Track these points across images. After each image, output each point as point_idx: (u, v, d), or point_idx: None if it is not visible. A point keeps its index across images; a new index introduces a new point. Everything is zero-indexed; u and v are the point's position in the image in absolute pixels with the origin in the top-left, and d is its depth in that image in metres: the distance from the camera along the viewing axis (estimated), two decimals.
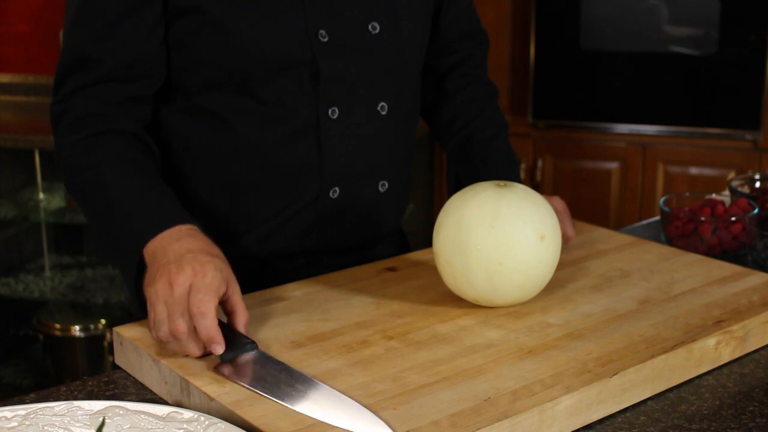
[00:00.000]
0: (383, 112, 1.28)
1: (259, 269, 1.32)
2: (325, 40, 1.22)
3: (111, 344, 2.91)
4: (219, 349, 0.98)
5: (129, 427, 0.88)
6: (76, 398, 1.00)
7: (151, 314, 1.01)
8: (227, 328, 1.01)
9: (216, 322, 0.99)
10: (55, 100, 1.22)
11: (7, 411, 0.89)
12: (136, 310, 1.21)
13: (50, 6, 3.39)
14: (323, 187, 1.27)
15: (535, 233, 1.09)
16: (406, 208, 1.45)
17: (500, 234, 1.08)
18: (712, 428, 0.95)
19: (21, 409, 0.89)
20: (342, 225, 1.31)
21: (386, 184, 1.32)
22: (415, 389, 0.93)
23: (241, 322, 1.02)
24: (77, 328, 3.06)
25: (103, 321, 3.09)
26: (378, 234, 1.37)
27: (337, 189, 1.28)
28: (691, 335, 1.06)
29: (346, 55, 1.24)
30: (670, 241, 1.48)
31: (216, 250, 1.07)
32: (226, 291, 1.03)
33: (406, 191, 1.40)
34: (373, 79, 1.26)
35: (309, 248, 1.31)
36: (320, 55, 1.21)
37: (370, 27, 1.25)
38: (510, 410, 0.89)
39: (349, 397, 0.92)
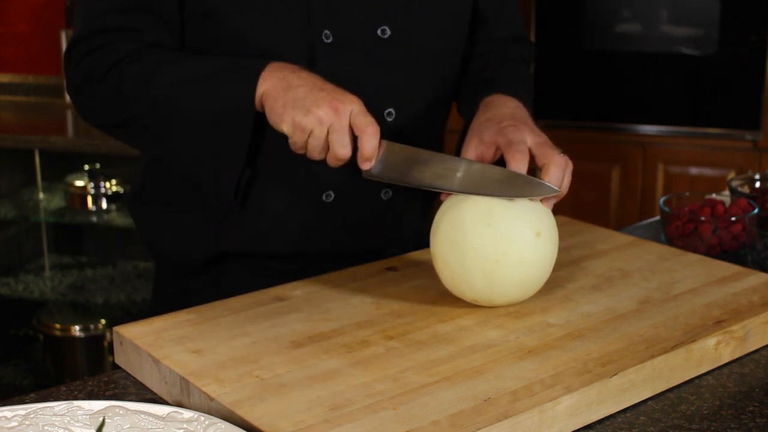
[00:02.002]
0: (389, 119, 1.25)
1: (260, 271, 1.32)
2: (329, 41, 1.20)
3: (111, 344, 2.91)
4: (369, 165, 1.09)
5: (129, 427, 0.88)
6: (76, 398, 1.00)
7: (299, 138, 1.08)
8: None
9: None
10: (74, 61, 1.20)
11: (7, 411, 0.89)
12: (136, 310, 1.21)
13: (50, 6, 3.39)
14: (314, 190, 1.26)
15: (531, 230, 1.09)
16: (429, 211, 1.42)
17: (496, 232, 1.08)
18: (712, 428, 0.95)
19: (21, 409, 0.89)
20: (342, 231, 1.30)
21: (390, 192, 1.31)
22: (415, 389, 0.93)
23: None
24: (77, 328, 3.06)
25: (103, 321, 3.09)
26: (390, 241, 1.36)
27: (332, 193, 1.27)
28: (691, 335, 1.06)
29: (351, 59, 1.21)
30: (670, 241, 1.48)
31: None
32: None
33: (427, 193, 1.37)
34: (379, 85, 1.23)
35: (309, 252, 1.31)
36: (321, 55, 1.20)
37: (379, 31, 1.23)
38: (510, 410, 0.89)
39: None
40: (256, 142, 1.17)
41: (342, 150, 1.08)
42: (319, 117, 1.07)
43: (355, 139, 1.09)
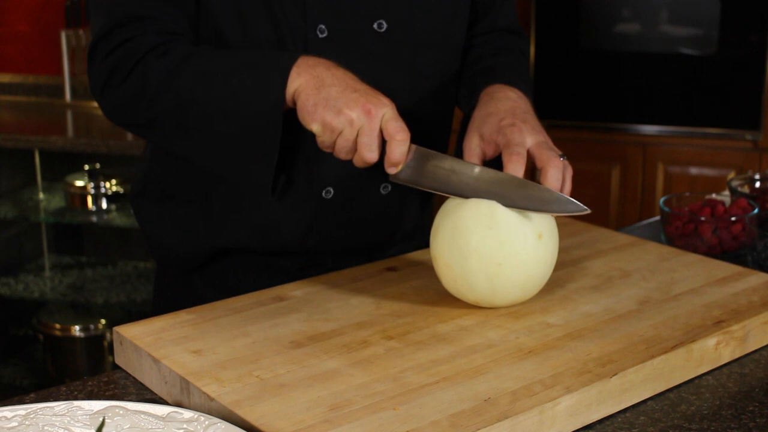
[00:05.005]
0: None
1: (261, 268, 1.32)
2: (324, 35, 1.20)
3: (111, 344, 2.91)
4: (395, 170, 1.09)
5: (129, 427, 0.88)
6: (76, 398, 1.00)
7: (327, 137, 1.07)
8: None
9: None
10: (99, 58, 1.18)
11: (7, 411, 0.89)
12: (136, 310, 1.21)
13: (50, 6, 3.39)
14: (314, 186, 1.26)
15: (533, 232, 1.09)
16: (428, 206, 1.42)
17: (498, 235, 1.08)
18: (712, 428, 0.95)
19: (21, 409, 0.89)
20: (343, 227, 1.30)
21: (389, 187, 1.31)
22: (415, 389, 0.93)
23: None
24: (77, 328, 3.06)
25: (103, 321, 3.09)
26: (392, 236, 1.36)
27: (331, 190, 1.27)
28: (691, 335, 1.06)
29: (345, 54, 1.20)
30: (670, 241, 1.48)
31: None
32: None
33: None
34: (375, 79, 1.21)
35: (310, 248, 1.31)
36: (314, 51, 1.19)
37: (375, 25, 1.22)
38: (510, 410, 0.89)
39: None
40: (289, 142, 1.16)
41: (370, 154, 1.07)
42: (350, 119, 1.06)
43: (384, 143, 1.08)
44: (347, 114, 1.06)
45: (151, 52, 1.14)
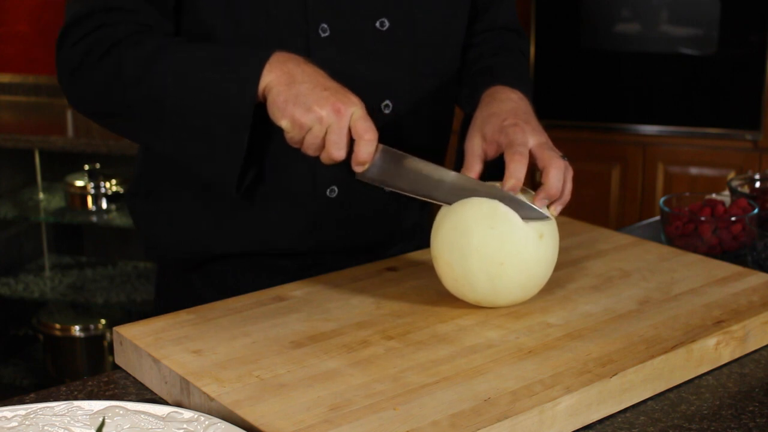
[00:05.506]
0: (386, 111, 1.25)
1: (261, 268, 1.32)
2: (326, 34, 1.20)
3: (111, 344, 2.91)
4: (361, 169, 1.10)
5: (129, 427, 0.88)
6: (76, 398, 1.00)
7: (296, 134, 1.08)
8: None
9: None
10: (70, 43, 1.16)
11: (7, 411, 0.89)
12: (136, 310, 1.20)
13: (50, 6, 3.39)
14: (319, 185, 1.26)
15: (535, 232, 1.09)
16: (428, 205, 1.42)
17: (500, 235, 1.08)
18: (712, 428, 0.95)
19: (21, 409, 0.89)
20: (343, 226, 1.30)
21: None
22: (415, 389, 0.93)
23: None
24: (77, 328, 3.06)
25: (103, 321, 3.09)
26: (392, 235, 1.36)
27: (336, 188, 1.27)
28: (691, 335, 1.06)
29: (347, 52, 1.21)
30: (670, 241, 1.48)
31: None
32: None
33: None
34: (376, 77, 1.23)
35: (312, 248, 1.31)
36: (317, 49, 1.19)
37: (377, 23, 1.22)
38: (510, 410, 0.89)
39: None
40: (260, 138, 1.16)
41: (337, 152, 1.08)
42: (319, 116, 1.06)
43: (352, 142, 1.09)
44: (317, 111, 1.06)
45: (125, 40, 1.14)
